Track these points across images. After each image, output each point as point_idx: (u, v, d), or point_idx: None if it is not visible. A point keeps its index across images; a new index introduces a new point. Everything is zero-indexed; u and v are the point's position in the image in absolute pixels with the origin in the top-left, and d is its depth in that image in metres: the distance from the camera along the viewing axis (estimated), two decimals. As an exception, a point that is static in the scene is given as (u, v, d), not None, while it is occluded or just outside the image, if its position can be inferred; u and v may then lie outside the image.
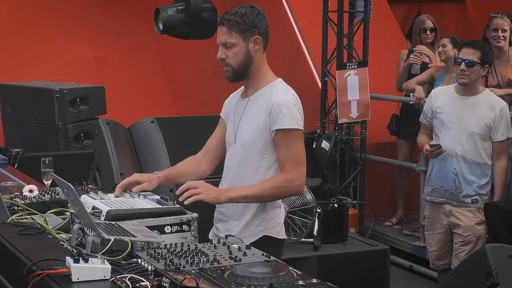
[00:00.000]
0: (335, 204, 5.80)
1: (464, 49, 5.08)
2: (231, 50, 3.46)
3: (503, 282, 3.13)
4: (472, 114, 5.00)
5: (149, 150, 5.36)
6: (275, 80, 3.55)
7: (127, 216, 3.13)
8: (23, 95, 7.59)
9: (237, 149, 3.57)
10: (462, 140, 5.01)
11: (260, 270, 2.62)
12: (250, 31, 3.44)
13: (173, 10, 7.80)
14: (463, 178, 5.03)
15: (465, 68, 4.96)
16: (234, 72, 3.50)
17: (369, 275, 5.25)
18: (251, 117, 3.51)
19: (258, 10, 3.48)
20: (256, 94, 3.54)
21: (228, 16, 3.44)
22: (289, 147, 3.43)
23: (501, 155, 5.03)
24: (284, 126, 3.42)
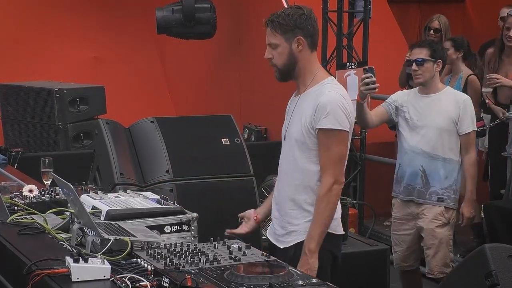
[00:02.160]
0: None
1: (413, 50, 5.17)
2: (275, 50, 3.52)
3: (502, 282, 3.13)
4: (437, 110, 5.03)
5: (149, 150, 5.35)
6: (325, 78, 3.57)
7: (127, 216, 3.14)
8: (23, 95, 7.59)
9: (286, 146, 3.62)
10: (428, 137, 5.02)
11: (260, 270, 2.63)
12: (292, 32, 3.48)
13: (168, 10, 7.81)
14: (430, 175, 5.03)
15: (416, 68, 5.04)
16: (280, 72, 3.56)
17: (369, 275, 5.24)
18: (300, 115, 3.54)
19: (302, 11, 3.52)
20: (306, 92, 3.57)
21: (272, 18, 3.51)
22: (329, 148, 3.46)
23: (469, 148, 5.03)
24: (325, 126, 3.44)
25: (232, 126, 5.65)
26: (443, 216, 5.04)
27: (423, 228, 5.09)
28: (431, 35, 7.30)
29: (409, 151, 5.09)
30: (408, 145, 5.09)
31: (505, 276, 3.15)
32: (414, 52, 5.15)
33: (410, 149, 5.09)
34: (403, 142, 5.14)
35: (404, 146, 5.12)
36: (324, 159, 3.47)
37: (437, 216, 5.04)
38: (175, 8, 7.85)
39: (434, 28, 7.30)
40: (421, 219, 5.08)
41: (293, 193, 3.56)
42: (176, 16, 7.81)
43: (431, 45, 5.12)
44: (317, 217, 3.47)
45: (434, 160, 5.02)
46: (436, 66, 5.05)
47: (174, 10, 7.83)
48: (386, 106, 5.22)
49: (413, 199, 5.11)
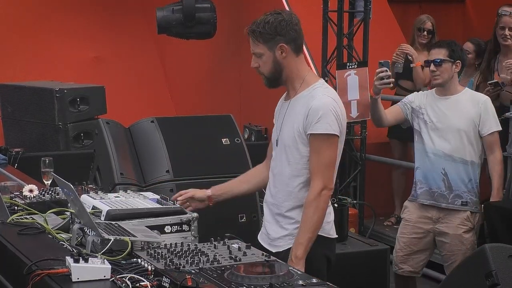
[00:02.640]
0: (335, 204, 5.79)
1: (432, 51, 5.08)
2: (260, 59, 3.51)
3: (503, 282, 3.13)
4: (456, 112, 4.94)
5: (149, 150, 5.35)
6: (315, 82, 3.56)
7: (127, 216, 3.14)
8: (23, 95, 7.59)
9: (278, 151, 3.60)
10: (448, 139, 4.94)
11: (260, 270, 2.63)
12: (274, 40, 3.48)
13: (168, 10, 7.81)
14: (452, 179, 4.95)
15: (435, 69, 4.94)
16: (267, 80, 3.55)
17: (369, 275, 5.24)
18: (291, 120, 3.53)
19: (282, 16, 3.51)
20: (297, 96, 3.55)
21: (253, 27, 3.50)
22: (319, 152, 3.43)
23: (494, 148, 4.94)
24: (316, 131, 3.42)
25: (232, 126, 5.65)
26: (469, 221, 4.96)
27: (447, 234, 4.96)
28: (425, 36, 7.29)
29: (430, 154, 4.99)
30: (429, 148, 4.99)
31: (505, 276, 3.16)
32: (433, 52, 5.05)
33: (431, 152, 4.99)
34: (423, 145, 5.03)
35: (425, 149, 5.01)
36: (314, 163, 3.44)
37: (463, 222, 4.94)
38: (175, 8, 7.86)
39: (427, 30, 7.29)
40: (444, 224, 4.97)
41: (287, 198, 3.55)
42: (177, 16, 7.81)
43: (451, 46, 5.00)
44: (305, 223, 3.43)
45: (456, 163, 4.94)
46: (455, 67, 4.95)
47: (175, 10, 7.84)
48: (402, 106, 5.12)
49: (435, 204, 4.99)
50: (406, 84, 7.17)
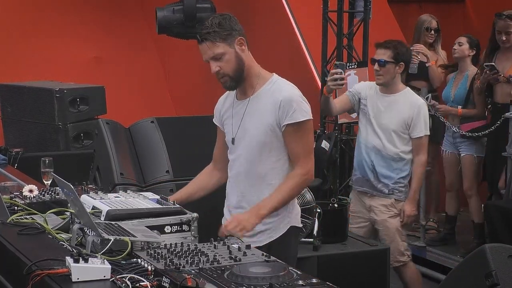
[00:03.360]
0: (335, 204, 5.79)
1: (377, 50, 5.31)
2: (222, 60, 3.52)
3: (502, 282, 3.13)
4: (391, 112, 5.21)
5: (149, 150, 5.35)
6: (271, 76, 3.62)
7: (127, 216, 3.14)
8: (23, 95, 7.59)
9: (243, 150, 3.62)
10: (380, 136, 5.22)
11: (260, 270, 2.63)
12: (231, 35, 3.51)
13: (169, 10, 7.81)
14: (380, 172, 5.25)
15: (378, 68, 5.19)
16: (233, 80, 3.56)
17: (369, 275, 5.24)
18: (257, 115, 3.56)
19: (228, 15, 3.57)
20: (257, 93, 3.59)
21: (207, 30, 3.50)
22: (301, 139, 3.54)
23: (419, 151, 5.22)
24: (296, 119, 3.50)
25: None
26: (394, 207, 5.26)
27: (376, 221, 5.32)
28: (432, 35, 7.29)
29: (363, 144, 5.33)
30: (362, 138, 5.32)
31: (505, 276, 3.15)
32: (378, 52, 5.29)
33: (363, 143, 5.32)
34: (360, 135, 5.37)
35: (359, 139, 5.36)
36: (300, 149, 3.54)
37: (388, 207, 5.26)
38: (176, 8, 7.85)
39: (434, 29, 7.29)
40: (373, 211, 5.32)
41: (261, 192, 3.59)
42: (177, 16, 7.81)
43: (396, 47, 5.25)
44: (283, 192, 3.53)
45: (384, 158, 5.23)
46: (398, 68, 5.19)
47: (175, 10, 7.83)
48: (351, 96, 5.39)
49: (366, 191, 5.35)
50: (419, 84, 7.13)
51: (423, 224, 6.94)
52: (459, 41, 6.68)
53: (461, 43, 6.67)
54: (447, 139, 6.78)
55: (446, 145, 6.79)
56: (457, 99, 6.66)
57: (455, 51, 6.69)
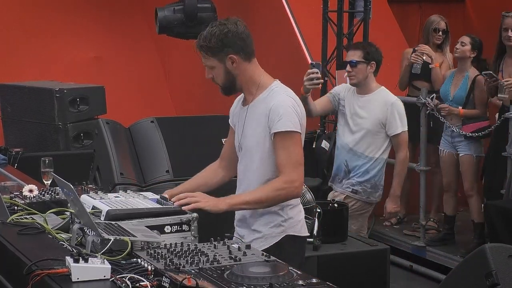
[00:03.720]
0: (335, 204, 5.79)
1: (348, 52, 5.44)
2: (213, 71, 3.55)
3: (503, 282, 3.13)
4: (366, 112, 5.29)
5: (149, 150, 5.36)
6: (271, 83, 3.58)
7: (127, 216, 3.13)
8: (23, 95, 7.59)
9: (243, 156, 3.63)
10: (355, 136, 5.32)
11: (260, 270, 2.62)
12: (222, 51, 3.49)
13: (170, 10, 7.81)
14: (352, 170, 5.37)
15: (350, 69, 5.29)
16: (223, 89, 3.60)
17: (369, 275, 5.23)
18: (253, 124, 3.55)
19: (227, 27, 3.49)
20: (255, 100, 3.58)
21: (200, 42, 3.52)
22: (286, 149, 3.45)
23: (398, 148, 5.33)
24: (281, 129, 3.44)
25: (232, 126, 5.65)
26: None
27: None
28: (440, 36, 7.25)
29: (339, 145, 5.44)
30: (339, 138, 5.44)
31: (505, 276, 3.15)
32: (349, 54, 5.39)
33: (339, 143, 5.43)
34: (338, 134, 5.49)
35: (337, 140, 5.49)
36: (284, 160, 3.45)
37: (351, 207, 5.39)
38: (176, 8, 7.85)
39: (442, 30, 7.26)
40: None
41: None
42: (178, 16, 7.81)
43: (365, 47, 5.36)
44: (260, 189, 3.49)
45: (357, 156, 5.34)
46: (370, 67, 5.29)
47: (176, 10, 7.83)
48: (332, 97, 5.46)
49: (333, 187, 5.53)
50: (421, 85, 7.13)
51: (423, 224, 6.94)
52: (462, 41, 6.67)
53: (464, 43, 6.65)
54: (445, 139, 6.77)
55: (444, 145, 6.78)
56: (457, 99, 6.66)
57: (457, 51, 6.68)
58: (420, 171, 6.90)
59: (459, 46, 6.66)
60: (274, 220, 3.56)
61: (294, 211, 3.62)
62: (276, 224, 3.57)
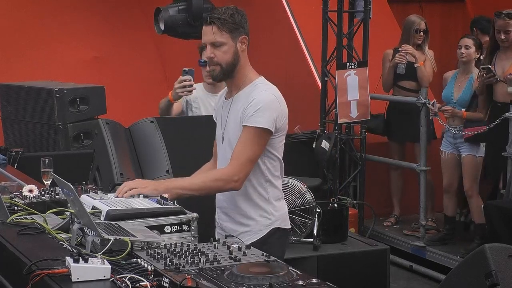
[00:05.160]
0: (335, 204, 5.80)
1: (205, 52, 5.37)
2: (220, 49, 3.50)
3: (502, 282, 3.13)
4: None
5: (149, 150, 5.35)
6: (256, 79, 3.59)
7: (127, 216, 3.13)
8: (23, 95, 7.58)
9: (226, 149, 3.62)
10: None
11: (260, 270, 2.62)
12: (238, 30, 3.50)
13: (174, 10, 7.80)
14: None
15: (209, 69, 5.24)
16: (222, 71, 3.54)
17: (369, 275, 5.24)
18: (234, 117, 3.56)
19: (242, 11, 3.54)
20: (239, 93, 3.58)
21: (218, 15, 3.48)
22: (244, 143, 3.45)
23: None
24: (248, 124, 3.46)
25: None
26: None
27: None
28: (421, 36, 7.31)
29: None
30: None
31: (505, 276, 3.15)
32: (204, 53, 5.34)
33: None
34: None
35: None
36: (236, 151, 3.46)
37: None
38: (181, 8, 7.84)
39: (423, 30, 7.31)
40: None
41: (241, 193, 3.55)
42: (182, 16, 7.80)
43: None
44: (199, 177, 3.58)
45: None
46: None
47: (180, 9, 7.82)
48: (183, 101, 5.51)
49: None
50: (409, 85, 7.17)
51: (423, 224, 6.94)
52: (466, 44, 6.65)
53: (469, 46, 6.63)
54: (447, 140, 6.78)
55: (446, 146, 6.79)
56: (461, 101, 6.66)
57: (463, 55, 6.66)
58: (420, 171, 6.91)
59: (464, 50, 6.65)
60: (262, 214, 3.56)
61: (280, 203, 3.64)
62: (263, 217, 3.57)
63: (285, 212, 3.67)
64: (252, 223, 3.57)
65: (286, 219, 3.68)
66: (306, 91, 7.90)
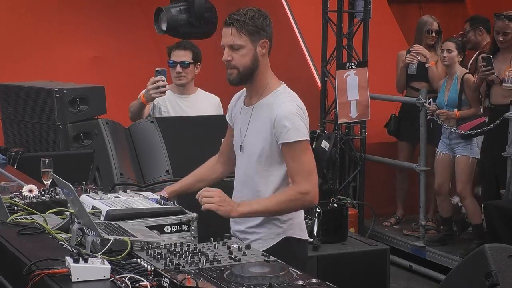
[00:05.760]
0: (335, 204, 5.80)
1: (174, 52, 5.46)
2: (238, 52, 3.39)
3: (502, 282, 3.13)
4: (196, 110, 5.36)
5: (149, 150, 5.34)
6: (277, 87, 3.48)
7: (126, 216, 3.13)
8: (23, 95, 7.58)
9: (244, 158, 3.54)
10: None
11: (260, 270, 2.62)
12: (258, 34, 3.38)
13: (176, 10, 7.79)
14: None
15: (181, 70, 5.33)
16: (240, 75, 3.42)
17: (369, 275, 5.24)
18: (257, 128, 3.46)
19: (265, 14, 3.42)
20: (260, 102, 3.47)
21: (238, 17, 3.38)
22: (297, 159, 3.36)
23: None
24: (289, 140, 3.35)
25: (232, 126, 5.65)
26: None
27: None
28: (434, 37, 7.28)
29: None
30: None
31: (505, 276, 3.15)
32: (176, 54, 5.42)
33: None
34: None
35: None
36: (293, 169, 3.36)
37: None
38: (182, 8, 7.83)
39: (435, 30, 7.28)
40: None
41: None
42: (184, 16, 7.79)
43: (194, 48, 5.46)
44: (273, 198, 3.39)
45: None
46: (196, 68, 5.42)
47: (182, 9, 7.82)
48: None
49: None
50: (420, 86, 7.14)
51: (423, 224, 6.94)
52: (448, 48, 6.67)
53: (450, 50, 6.66)
54: (443, 141, 6.78)
55: (442, 147, 6.79)
56: (450, 102, 6.68)
57: (445, 59, 6.69)
58: (420, 171, 6.90)
59: (446, 54, 6.67)
60: (274, 222, 3.48)
61: (296, 213, 3.54)
62: (275, 225, 3.48)
63: (299, 222, 3.55)
64: (263, 231, 3.48)
65: (301, 229, 3.56)
66: (306, 91, 7.87)
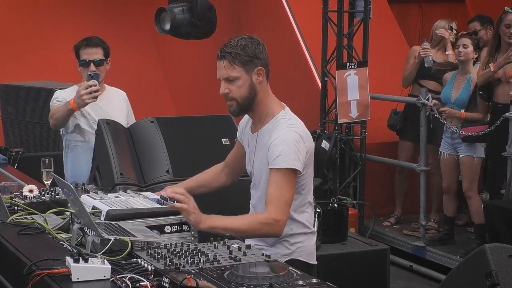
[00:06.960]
0: (335, 204, 5.80)
1: (84, 50, 5.46)
2: (234, 83, 3.35)
3: (503, 282, 3.13)
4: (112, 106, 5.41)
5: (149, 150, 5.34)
6: (279, 112, 3.42)
7: (127, 216, 3.14)
8: (23, 95, 7.59)
9: (255, 184, 3.52)
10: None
11: (260, 270, 2.63)
12: (252, 62, 3.33)
13: (179, 10, 7.79)
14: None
15: (95, 69, 5.29)
16: (239, 106, 3.38)
17: (369, 275, 5.24)
18: (260, 156, 3.43)
19: (257, 40, 3.37)
20: (263, 129, 3.43)
21: (229, 49, 3.33)
22: (279, 186, 3.28)
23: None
24: (277, 166, 3.28)
25: (232, 126, 5.63)
26: None
27: None
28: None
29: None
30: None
31: (505, 276, 3.15)
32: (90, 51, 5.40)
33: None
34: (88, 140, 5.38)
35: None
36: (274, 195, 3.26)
37: None
38: (185, 8, 7.83)
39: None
40: None
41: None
42: (186, 16, 7.79)
43: (103, 45, 5.46)
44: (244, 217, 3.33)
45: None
46: (107, 64, 5.43)
47: (184, 9, 7.81)
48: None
49: None
50: (430, 85, 7.11)
51: (423, 224, 6.94)
52: (464, 43, 6.61)
53: (466, 46, 6.60)
54: (446, 141, 6.77)
55: (445, 147, 6.78)
56: (459, 102, 6.64)
57: (461, 54, 6.61)
58: (420, 171, 6.90)
59: (462, 49, 6.61)
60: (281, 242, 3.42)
61: (305, 237, 3.47)
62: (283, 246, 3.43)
63: (310, 247, 3.49)
64: (272, 250, 3.41)
65: (311, 254, 3.50)
66: (306, 91, 7.91)
